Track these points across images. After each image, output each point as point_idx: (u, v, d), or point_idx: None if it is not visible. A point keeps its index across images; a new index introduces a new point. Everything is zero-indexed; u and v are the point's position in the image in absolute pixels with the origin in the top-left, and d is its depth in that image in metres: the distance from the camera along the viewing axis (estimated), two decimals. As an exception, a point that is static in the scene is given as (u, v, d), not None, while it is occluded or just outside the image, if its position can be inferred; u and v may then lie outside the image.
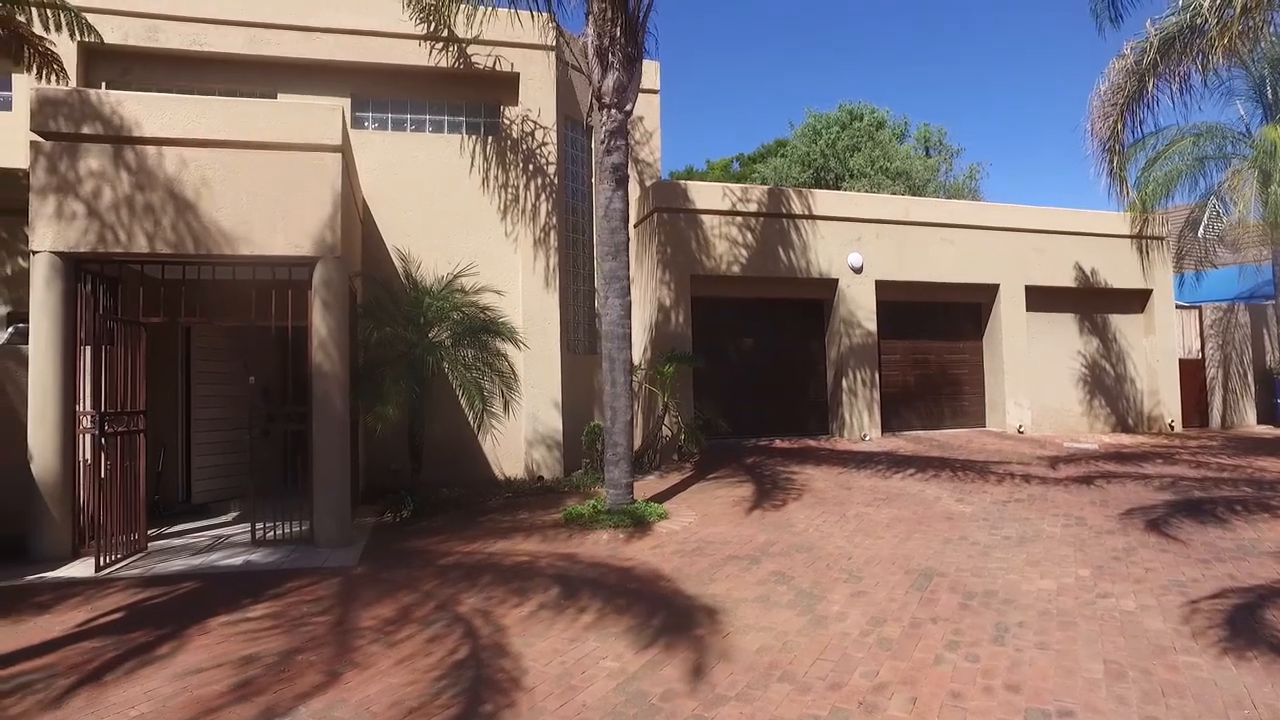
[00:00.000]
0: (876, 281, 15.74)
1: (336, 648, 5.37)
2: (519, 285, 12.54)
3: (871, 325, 15.64)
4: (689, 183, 15.22)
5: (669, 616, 5.92)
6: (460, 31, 12.50)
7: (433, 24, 12.38)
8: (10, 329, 9.63)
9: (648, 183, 15.21)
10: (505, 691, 4.66)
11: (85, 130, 8.14)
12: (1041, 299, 17.44)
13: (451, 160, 12.86)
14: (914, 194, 28.50)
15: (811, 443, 14.83)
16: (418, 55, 12.71)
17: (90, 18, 10.57)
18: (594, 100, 10.26)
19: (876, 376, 15.56)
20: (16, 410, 8.16)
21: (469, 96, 13.24)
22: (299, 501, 8.69)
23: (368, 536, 8.77)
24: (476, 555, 7.83)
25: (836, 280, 15.56)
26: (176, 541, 8.75)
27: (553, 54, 13.26)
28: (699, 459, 13.04)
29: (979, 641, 5.39)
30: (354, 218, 10.33)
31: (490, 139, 13.13)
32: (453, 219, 12.58)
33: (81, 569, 7.49)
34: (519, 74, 13.04)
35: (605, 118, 9.91)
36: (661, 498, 10.19)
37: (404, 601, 6.36)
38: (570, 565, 7.39)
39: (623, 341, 9.56)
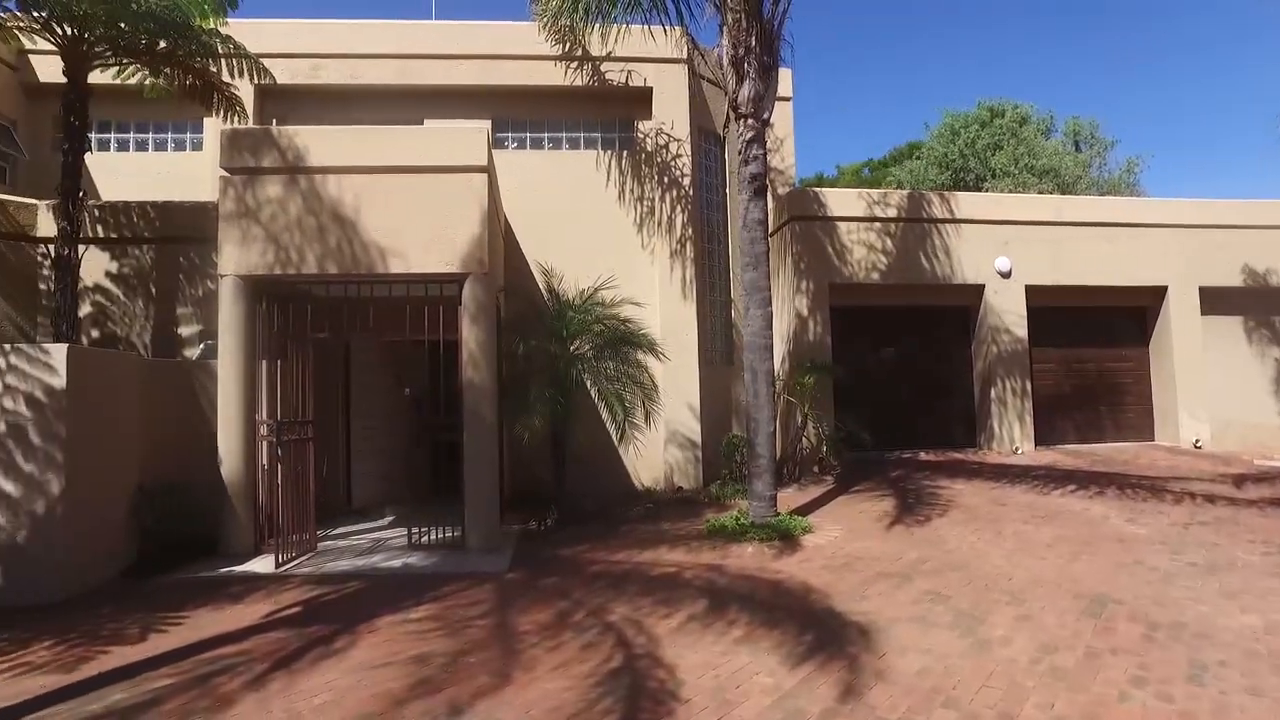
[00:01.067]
0: (1026, 286, 14.89)
1: (500, 650, 5.54)
2: (656, 297, 12.66)
3: (1021, 332, 14.79)
4: (824, 190, 14.93)
5: (821, 633, 5.77)
6: (594, 50, 12.80)
7: (568, 45, 12.75)
8: (202, 345, 10.62)
9: (781, 191, 15.02)
10: (662, 702, 4.66)
11: (263, 164, 8.85)
12: (1219, 301, 15.95)
13: (588, 175, 13.17)
14: (1064, 192, 26.81)
15: (958, 456, 14.16)
16: (554, 75, 13.12)
17: (265, 62, 11.56)
18: (730, 111, 10.24)
19: (1028, 386, 14.69)
20: (208, 419, 8.95)
21: (603, 113, 13.53)
22: (451, 508, 9.07)
23: (515, 543, 9.04)
24: (622, 565, 7.91)
25: (982, 286, 14.82)
26: (340, 543, 9.32)
27: (685, 67, 13.36)
28: (840, 472, 12.71)
29: (1171, 679, 4.94)
30: (498, 235, 10.74)
31: (625, 153, 13.36)
32: (590, 233, 12.86)
33: (262, 565, 8.10)
34: (652, 88, 13.21)
35: (742, 128, 9.86)
36: (804, 511, 9.99)
37: (557, 608, 6.50)
38: (717, 577, 7.35)
39: (765, 352, 9.46)
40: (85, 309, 10.68)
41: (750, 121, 9.76)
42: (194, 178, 12.99)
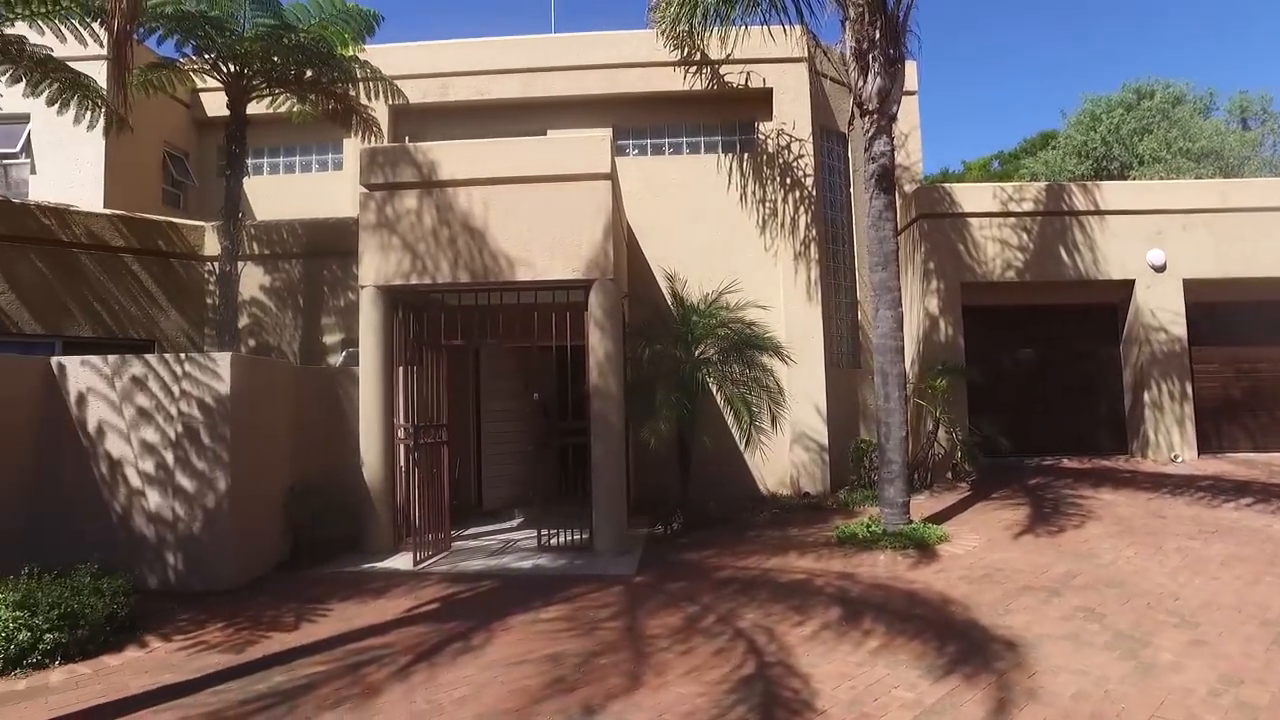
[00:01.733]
0: (1184, 280, 13.71)
1: (631, 652, 5.57)
2: (780, 299, 12.47)
3: (1179, 330, 13.63)
4: (953, 185, 14.31)
5: (964, 647, 5.48)
6: (713, 54, 12.77)
7: (686, 50, 12.77)
8: (344, 353, 11.27)
9: (907, 188, 14.50)
10: (797, 712, 4.55)
11: (399, 179, 9.30)
12: None
13: (709, 179, 13.13)
14: (1227, 175, 24.59)
15: (1106, 463, 13.21)
16: (673, 81, 13.17)
17: (398, 83, 12.18)
18: (854, 108, 9.98)
19: (1188, 388, 13.52)
20: (351, 423, 9.48)
21: (723, 116, 13.47)
22: (578, 511, 9.21)
23: (642, 547, 9.09)
24: (751, 570, 7.81)
25: (1132, 282, 13.76)
26: (472, 543, 9.64)
27: (806, 66, 13.13)
28: (975, 479, 12.10)
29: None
30: (622, 241, 10.86)
31: (746, 155, 13.25)
32: (713, 237, 12.82)
33: (401, 562, 8.49)
34: (772, 89, 13.06)
35: (867, 124, 9.59)
36: (938, 519, 9.56)
37: (686, 612, 6.48)
38: (849, 585, 7.13)
39: (895, 355, 9.13)
40: (243, 320, 11.54)
41: (875, 118, 9.47)
42: (335, 196, 13.84)
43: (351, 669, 5.36)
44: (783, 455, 12.15)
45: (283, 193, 14.15)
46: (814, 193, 12.77)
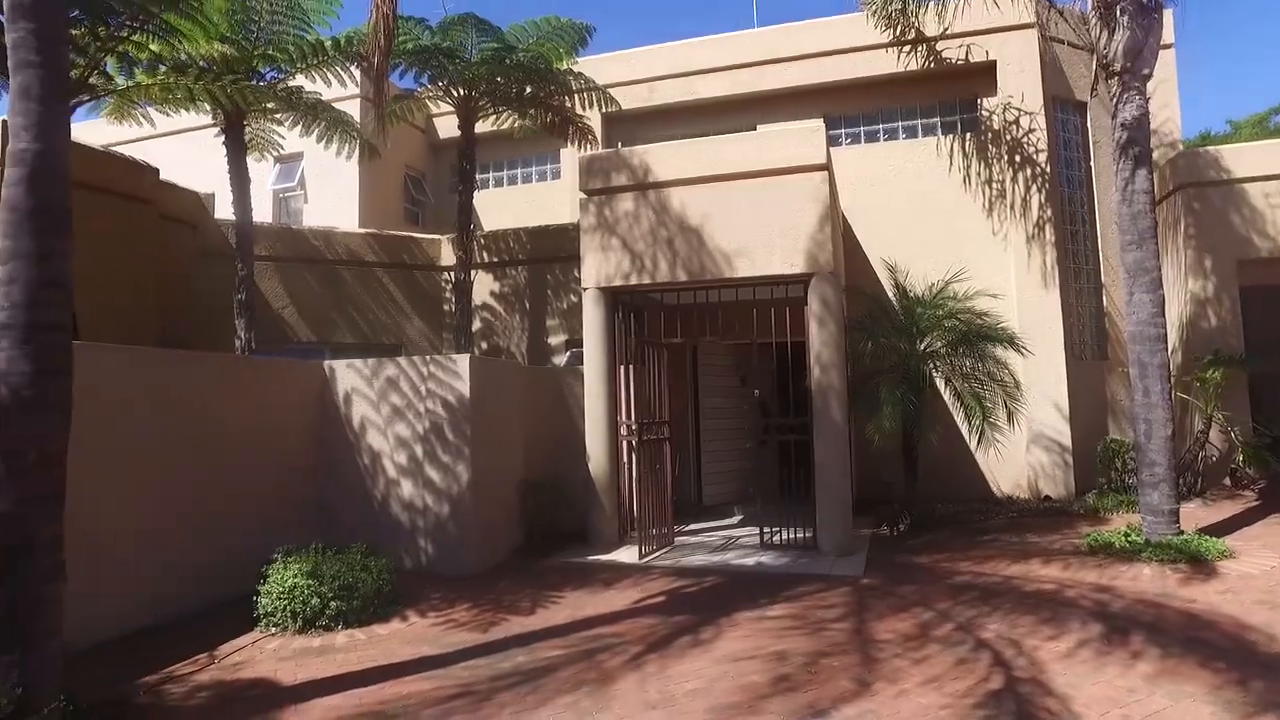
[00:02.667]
0: None
1: (860, 656, 5.35)
2: (1012, 286, 11.54)
3: None
4: (1223, 148, 12.48)
5: (1274, 683, 4.70)
6: (929, 30, 12.06)
7: (899, 29, 12.16)
8: (569, 353, 11.84)
9: (1161, 157, 12.87)
10: (1059, 735, 4.12)
11: (615, 184, 9.59)
12: None
13: (927, 163, 12.42)
14: None
15: None
16: (885, 64, 12.60)
17: (610, 91, 12.61)
18: (1097, 70, 8.99)
19: None
20: (575, 420, 9.92)
21: (941, 95, 12.69)
22: (799, 508, 9.03)
23: (867, 547, 8.74)
24: (990, 577, 7.25)
25: None
26: (694, 539, 9.74)
27: (1034, 32, 12.03)
28: (1264, 486, 10.48)
29: None
30: (839, 233, 10.52)
31: (968, 135, 12.40)
32: (933, 224, 12.11)
33: (626, 555, 8.75)
34: (995, 61, 12.13)
35: (1115, 88, 8.59)
36: (1216, 531, 8.36)
37: (920, 618, 6.12)
38: (1109, 600, 6.40)
39: (1155, 344, 8.11)
40: (476, 324, 12.47)
41: (1124, 79, 8.47)
42: (555, 203, 14.60)
43: (587, 655, 5.57)
44: (1018, 455, 11.21)
45: (507, 204, 15.15)
46: (1047, 169, 11.68)
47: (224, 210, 11.71)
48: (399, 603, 6.86)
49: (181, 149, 13.91)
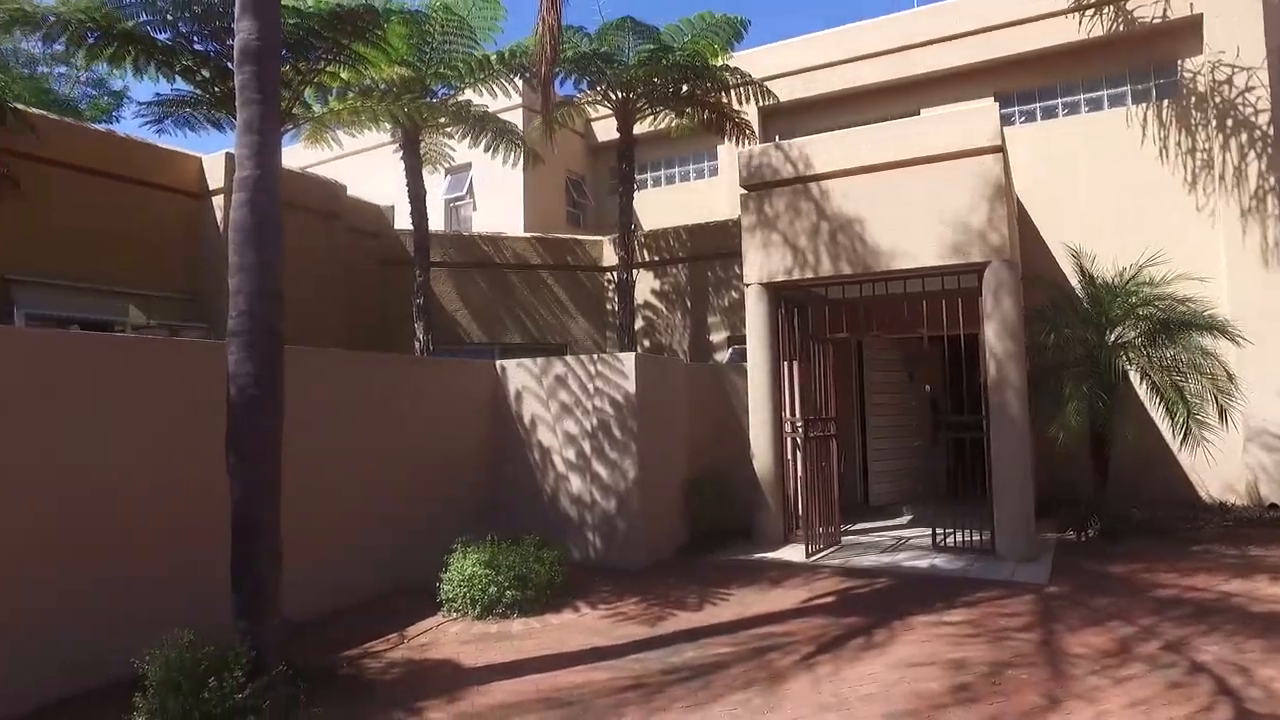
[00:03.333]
0: None
1: (1049, 670, 4.99)
2: (1222, 268, 10.37)
3: None
4: None
5: None
6: (1121, -13, 11.04)
7: (1084, -9, 11.22)
8: (730, 350, 11.82)
9: None
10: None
11: (775, 178, 9.44)
12: None
13: (1115, 137, 11.40)
14: None
15: None
16: (1064, 32, 11.70)
17: (767, 84, 12.42)
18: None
19: None
20: (739, 417, 9.89)
21: (1130, 61, 11.60)
22: (973, 510, 8.55)
23: (1052, 554, 8.15)
24: (1203, 593, 6.55)
25: None
26: (862, 539, 9.45)
27: (1252, -25, 10.72)
28: None
29: None
30: (1014, 218, 9.86)
31: (1164, 102, 11.25)
32: (1123, 202, 11.10)
33: (792, 554, 8.62)
34: (1201, 14, 10.91)
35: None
36: None
37: (1118, 634, 5.63)
38: (1356, 623, 5.62)
39: None
40: (638, 323, 12.68)
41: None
42: (713, 201, 14.59)
43: (756, 653, 5.54)
44: (1233, 456, 10.05)
45: (665, 203, 15.30)
46: (1270, 131, 10.37)
47: (401, 221, 12.58)
48: (569, 594, 7.10)
49: (359, 166, 15.11)
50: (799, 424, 9.05)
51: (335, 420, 7.00)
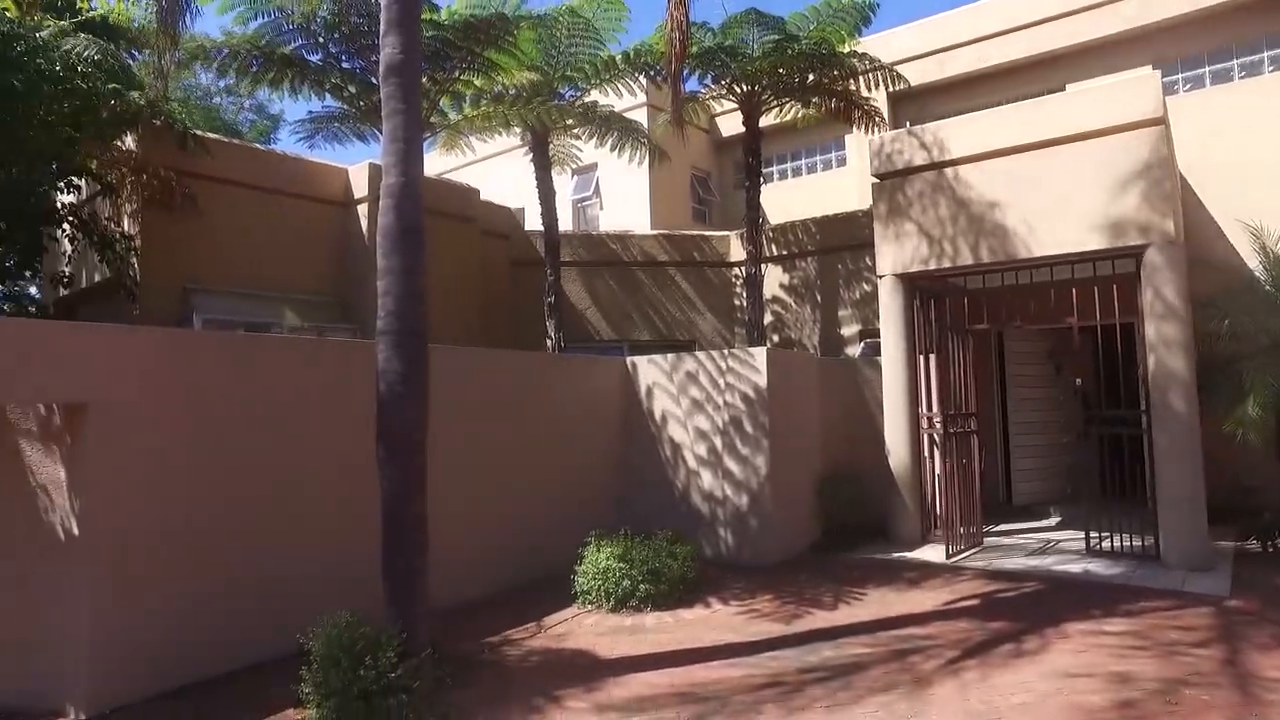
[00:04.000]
0: None
1: (1237, 694, 4.55)
2: None
3: None
4: None
5: None
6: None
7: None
8: (862, 344, 11.49)
9: None
10: None
11: (909, 165, 9.08)
12: None
13: (1302, 101, 10.26)
14: None
15: None
16: (1237, -12, 10.64)
17: (897, 68, 11.97)
18: None
19: None
20: (872, 412, 9.60)
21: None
22: (1130, 512, 7.94)
23: (1230, 563, 7.45)
24: None
25: None
26: (1005, 540, 8.97)
27: None
28: None
29: None
30: (1177, 196, 9.07)
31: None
32: (1308, 174, 9.99)
33: (931, 554, 8.28)
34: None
35: None
36: None
37: (1320, 655, 5.08)
38: None
39: None
40: (767, 318, 12.52)
41: None
42: (841, 191, 14.23)
43: (897, 655, 5.36)
44: None
45: (792, 196, 15.06)
46: None
47: (530, 223, 12.95)
48: (701, 589, 7.11)
49: (482, 170, 15.67)
50: (937, 420, 8.68)
51: (474, 416, 7.28)
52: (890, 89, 12.16)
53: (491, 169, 15.84)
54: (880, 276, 9.24)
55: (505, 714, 4.63)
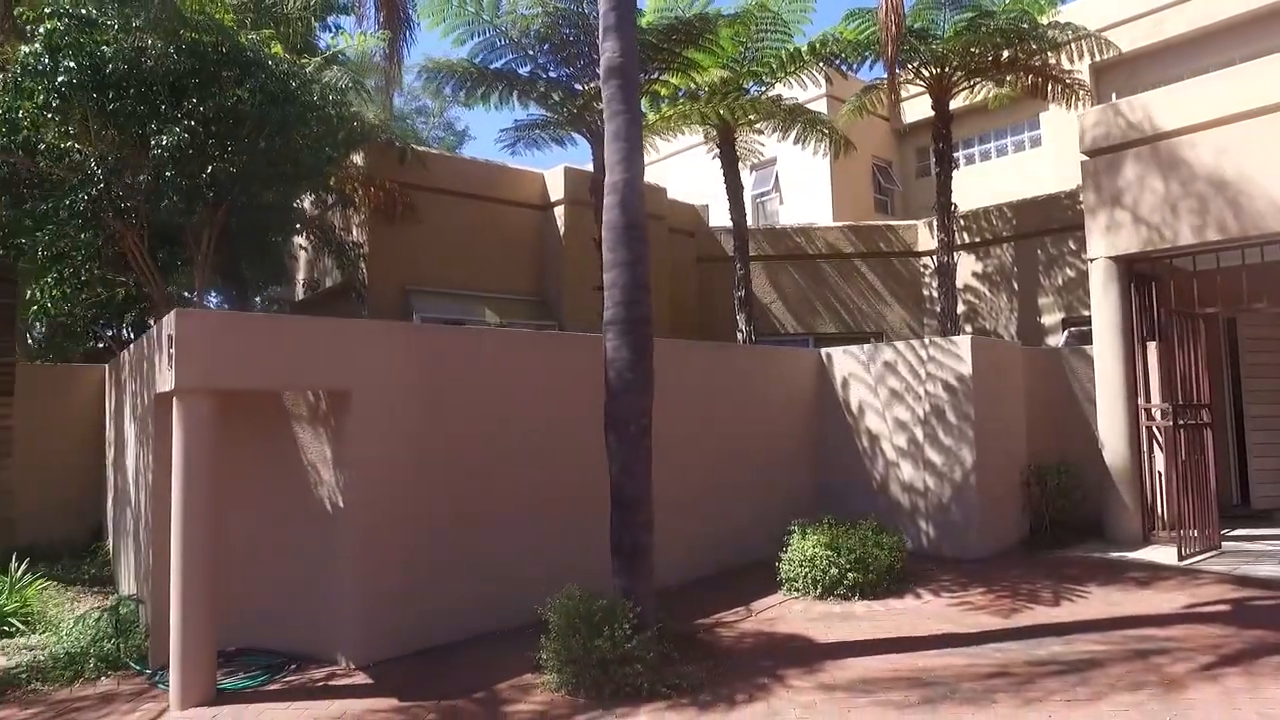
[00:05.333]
0: None
1: None
2: None
3: None
4: None
5: None
6: None
7: None
8: (1065, 332, 10.84)
9: None
10: None
11: (1122, 140, 8.49)
12: None
13: None
14: None
15: None
16: None
17: (1107, 35, 11.16)
18: None
19: None
20: (1079, 403, 9.05)
21: None
22: None
23: None
24: None
25: None
26: (1248, 545, 8.17)
27: None
28: None
29: None
30: None
31: None
32: None
33: (1158, 555, 7.72)
34: None
35: None
36: None
37: None
38: None
39: None
40: (960, 307, 12.05)
41: None
42: (1034, 173, 13.44)
43: (1138, 655, 5.08)
44: None
45: (980, 181, 14.38)
46: None
47: (712, 220, 13.13)
48: (907, 580, 7.01)
49: (663, 169, 16.00)
50: (1158, 411, 8.06)
51: (680, 405, 7.53)
52: (1098, 58, 11.36)
53: (670, 168, 16.20)
54: (1091, 260, 8.69)
55: (731, 689, 4.80)
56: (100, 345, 10.35)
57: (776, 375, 8.77)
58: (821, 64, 10.91)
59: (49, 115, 6.27)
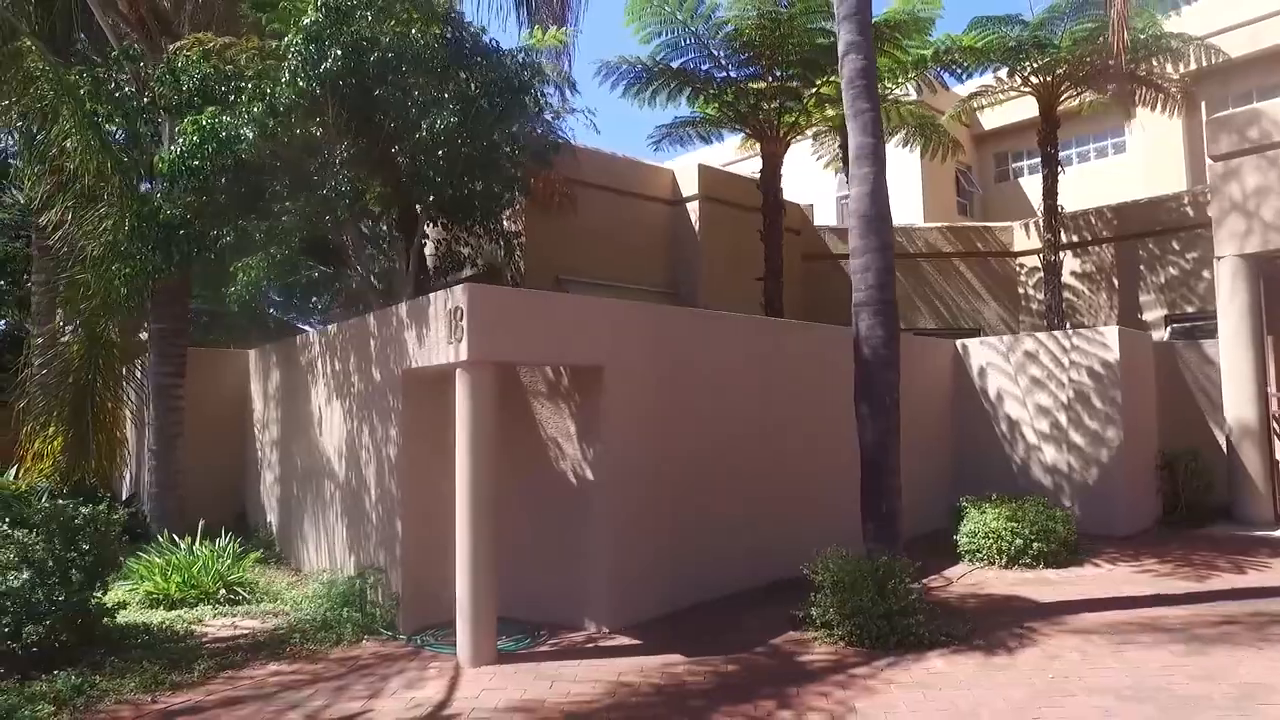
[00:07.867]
0: None
1: None
2: None
3: None
4: None
5: None
6: None
7: None
8: (1168, 329, 11.41)
9: None
10: None
11: (1250, 145, 9.03)
12: None
13: None
14: None
15: None
16: None
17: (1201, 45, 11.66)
18: None
19: None
20: (1192, 394, 9.64)
21: None
22: None
23: None
24: None
25: None
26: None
27: None
28: None
29: None
30: None
31: None
32: None
33: (1290, 535, 8.25)
34: None
35: None
36: None
37: None
38: None
39: None
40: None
41: None
42: (1119, 178, 14.00)
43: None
44: None
45: (1066, 186, 14.90)
46: None
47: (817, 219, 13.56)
48: (1079, 552, 7.47)
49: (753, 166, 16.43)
50: (1293, 400, 8.60)
51: (829, 389, 7.48)
52: (1205, 64, 11.85)
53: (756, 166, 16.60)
54: (1219, 258, 9.23)
55: (996, 638, 5.17)
56: (272, 326, 10.61)
57: (919, 363, 9.22)
58: (942, 70, 11.40)
59: (304, 103, 6.60)
